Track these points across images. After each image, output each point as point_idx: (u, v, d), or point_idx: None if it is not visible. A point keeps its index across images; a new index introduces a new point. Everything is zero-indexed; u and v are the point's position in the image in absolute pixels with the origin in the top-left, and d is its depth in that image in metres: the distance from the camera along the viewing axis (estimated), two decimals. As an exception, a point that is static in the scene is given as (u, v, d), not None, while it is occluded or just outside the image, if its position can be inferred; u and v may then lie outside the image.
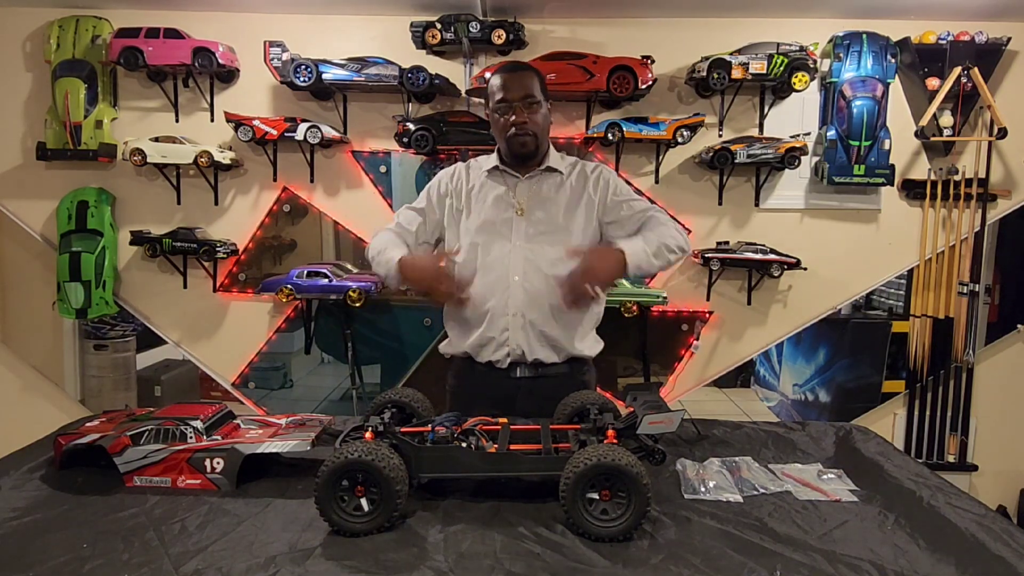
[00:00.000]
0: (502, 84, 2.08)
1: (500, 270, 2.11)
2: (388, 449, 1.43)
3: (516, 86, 2.07)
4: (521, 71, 2.13)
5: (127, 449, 1.62)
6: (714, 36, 3.13)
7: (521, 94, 2.07)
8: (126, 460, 1.62)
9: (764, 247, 3.18)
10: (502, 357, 2.13)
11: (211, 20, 3.20)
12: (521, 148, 2.11)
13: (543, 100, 2.12)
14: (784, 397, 5.29)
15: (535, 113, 2.09)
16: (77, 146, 3.15)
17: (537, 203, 2.15)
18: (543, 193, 2.16)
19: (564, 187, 2.18)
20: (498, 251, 2.12)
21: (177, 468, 1.61)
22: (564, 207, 2.15)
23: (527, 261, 2.11)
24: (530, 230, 2.12)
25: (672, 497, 1.58)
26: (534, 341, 2.12)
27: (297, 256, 3.41)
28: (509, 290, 2.10)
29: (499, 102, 2.09)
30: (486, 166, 2.20)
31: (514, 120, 2.07)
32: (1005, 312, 4.16)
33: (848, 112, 3.09)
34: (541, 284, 2.10)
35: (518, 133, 2.08)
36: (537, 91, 2.10)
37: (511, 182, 2.17)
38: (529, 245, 2.12)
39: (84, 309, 3.18)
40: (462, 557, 1.30)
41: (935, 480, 1.69)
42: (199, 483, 1.61)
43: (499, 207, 2.14)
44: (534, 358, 2.13)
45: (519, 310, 2.10)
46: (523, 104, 2.07)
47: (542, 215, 2.14)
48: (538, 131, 2.11)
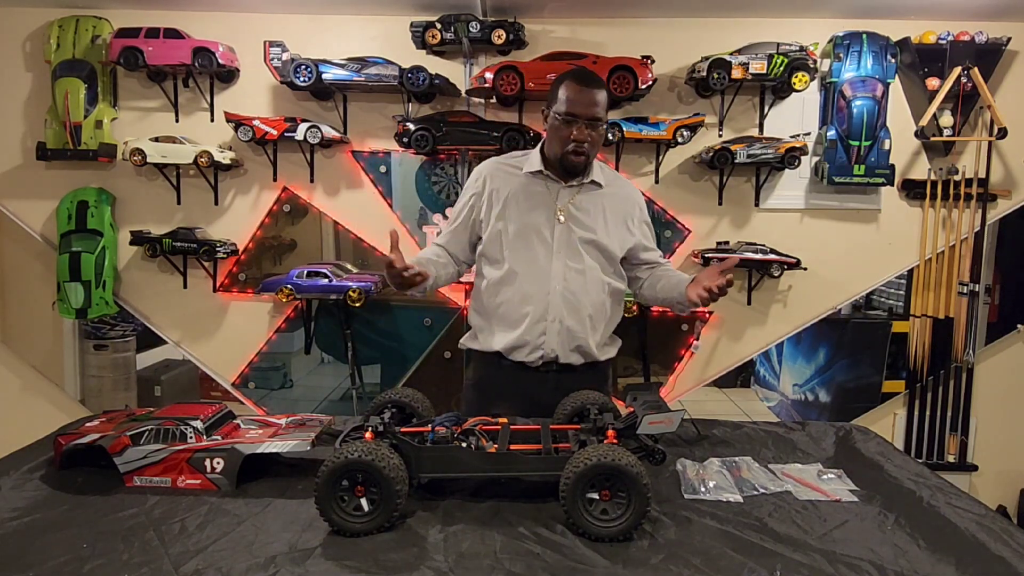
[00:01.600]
0: (575, 97, 2.05)
1: (541, 276, 2.11)
2: (388, 449, 1.43)
3: (587, 101, 2.05)
4: (596, 88, 2.08)
5: (127, 449, 1.62)
6: (714, 36, 3.13)
7: (591, 113, 2.06)
8: (126, 460, 1.62)
9: (764, 247, 3.18)
10: (535, 359, 2.14)
11: (211, 20, 3.20)
12: (574, 166, 2.11)
13: (605, 119, 2.13)
14: (784, 397, 5.29)
15: (595, 131, 2.09)
16: (77, 146, 3.15)
17: (579, 212, 2.15)
18: (585, 203, 2.16)
19: (604, 200, 2.19)
20: (539, 256, 2.12)
21: (177, 468, 1.61)
22: (604, 220, 2.17)
23: (568, 268, 2.12)
24: (571, 239, 2.13)
25: (672, 497, 1.58)
26: (567, 347, 2.14)
27: (297, 256, 3.41)
28: (549, 296, 2.11)
29: (566, 113, 2.05)
30: (528, 168, 2.17)
31: (575, 136, 2.06)
32: (1005, 312, 4.16)
33: (848, 112, 3.09)
34: (580, 292, 2.12)
35: (576, 151, 2.07)
36: (603, 110, 2.09)
37: (553, 188, 2.16)
38: (569, 252, 2.12)
39: (84, 309, 3.19)
40: (462, 557, 1.30)
41: (935, 480, 1.69)
42: (199, 483, 1.61)
43: (540, 212, 2.13)
44: (565, 362, 2.15)
45: (557, 316, 2.11)
46: (588, 122, 2.06)
47: (583, 225, 2.14)
48: (594, 151, 2.13)
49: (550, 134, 2.13)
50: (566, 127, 2.06)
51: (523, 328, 2.11)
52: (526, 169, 2.17)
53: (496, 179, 2.18)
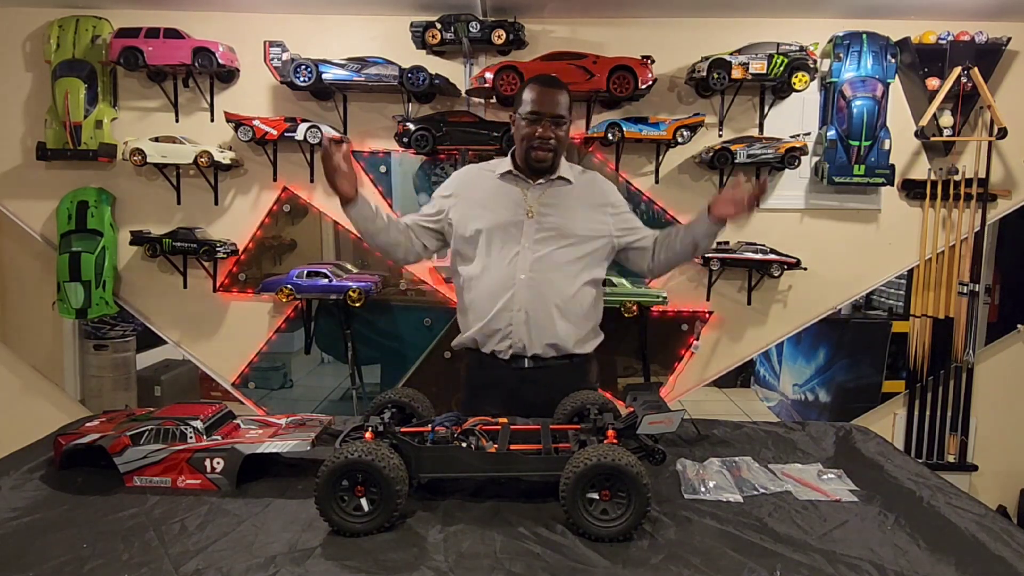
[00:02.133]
0: (537, 97, 2.19)
1: (508, 268, 2.21)
2: (388, 449, 1.43)
3: (549, 101, 2.19)
4: (556, 88, 2.23)
5: (127, 449, 1.62)
6: (714, 36, 3.13)
7: (552, 110, 2.19)
8: (126, 460, 1.62)
9: (764, 247, 3.18)
10: (504, 348, 2.23)
11: (211, 20, 3.20)
12: (538, 162, 2.22)
13: (569, 118, 2.25)
14: (784, 397, 5.29)
15: (559, 129, 2.21)
16: (77, 146, 3.15)
17: (547, 208, 2.25)
18: (553, 199, 2.26)
19: (573, 195, 2.29)
20: (508, 251, 2.22)
21: (177, 468, 1.61)
22: (572, 214, 2.25)
23: (535, 261, 2.21)
24: (539, 234, 2.22)
25: (672, 497, 1.58)
26: (535, 338, 2.21)
27: (297, 256, 3.41)
28: (515, 287, 2.20)
29: (530, 112, 2.19)
30: (499, 169, 2.30)
31: (539, 133, 2.18)
32: (1005, 312, 4.17)
33: (848, 112, 3.09)
34: (545, 285, 2.20)
35: (540, 147, 2.19)
36: (566, 110, 2.22)
37: (523, 186, 2.28)
38: (537, 247, 2.21)
39: (84, 309, 3.18)
40: (462, 557, 1.30)
41: (935, 480, 1.69)
42: (199, 483, 1.61)
43: (511, 210, 2.24)
44: (533, 352, 2.23)
45: (523, 307, 2.20)
46: (551, 120, 2.19)
47: (551, 220, 2.23)
48: (558, 147, 2.23)
49: (516, 136, 2.27)
50: (530, 126, 2.20)
51: (490, 316, 2.21)
52: (498, 171, 2.30)
53: (470, 184, 2.34)
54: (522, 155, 2.26)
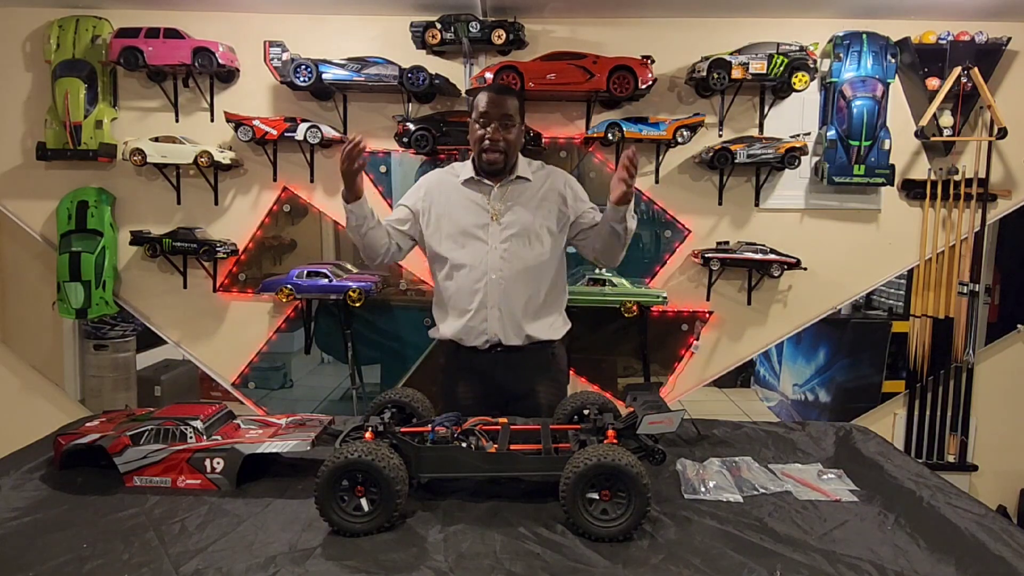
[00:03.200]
0: (486, 101, 2.32)
1: (480, 269, 2.34)
2: (388, 449, 1.43)
3: (497, 104, 2.31)
4: (504, 93, 2.37)
5: (127, 449, 1.62)
6: (714, 36, 3.13)
7: (500, 112, 2.31)
8: (126, 460, 1.62)
9: (764, 247, 3.18)
10: (482, 343, 2.36)
11: (211, 20, 3.20)
12: (490, 164, 2.34)
13: (518, 122, 2.38)
14: (784, 397, 5.29)
15: (509, 131, 2.33)
16: (77, 146, 3.15)
17: (509, 208, 2.37)
18: (514, 199, 2.39)
19: (534, 193, 2.40)
20: (477, 253, 2.35)
21: (177, 468, 1.61)
22: (534, 212, 2.38)
23: (503, 260, 2.34)
24: (504, 233, 2.35)
25: (672, 497, 1.58)
26: (509, 330, 2.34)
27: (297, 256, 3.41)
28: (487, 287, 2.33)
29: (480, 115, 2.33)
30: (463, 175, 2.41)
31: (489, 135, 2.31)
32: (1005, 312, 4.16)
33: (848, 112, 3.09)
34: (515, 281, 2.34)
35: (490, 148, 2.32)
36: (515, 112, 2.34)
37: (486, 190, 2.39)
38: (504, 246, 2.34)
39: (84, 309, 3.18)
40: (462, 557, 1.30)
41: (935, 480, 1.69)
42: (199, 483, 1.61)
43: (476, 213, 2.37)
44: (509, 343, 2.35)
45: (495, 304, 2.33)
46: (500, 122, 2.31)
47: (514, 219, 2.36)
48: (508, 148, 2.34)
49: (471, 140, 2.39)
50: (480, 129, 2.32)
51: (468, 317, 2.34)
52: (461, 177, 2.41)
53: (436, 190, 2.44)
54: (476, 157, 2.38)
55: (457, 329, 2.38)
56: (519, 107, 2.38)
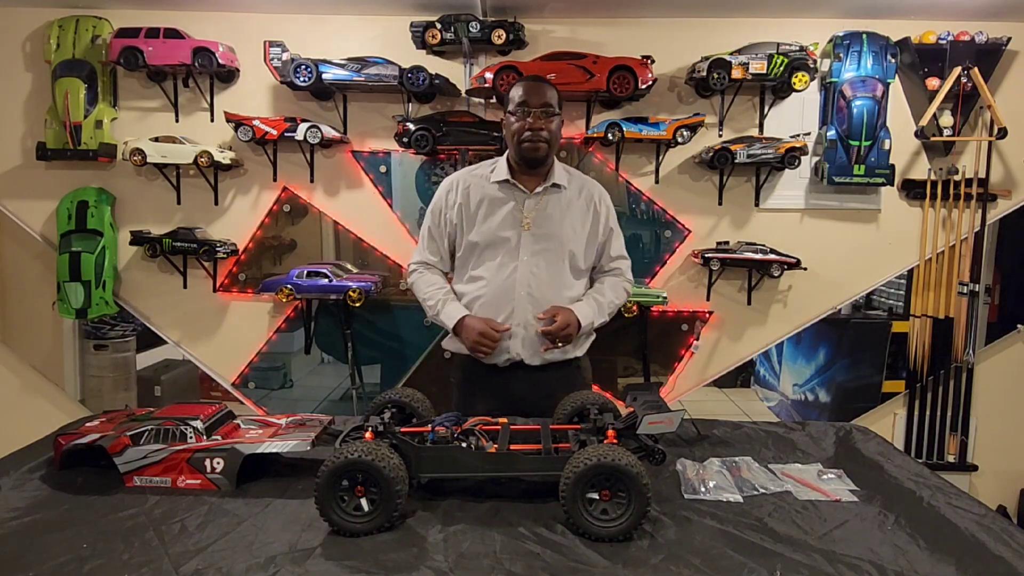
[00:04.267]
0: (524, 90, 2.18)
1: (507, 283, 2.19)
2: (388, 449, 1.43)
3: (537, 93, 2.17)
4: (543, 83, 2.22)
5: (127, 449, 1.62)
6: (714, 36, 3.13)
7: (540, 101, 2.16)
8: (126, 460, 1.62)
9: (764, 247, 3.18)
10: (502, 361, 2.22)
11: (211, 20, 3.20)
12: (532, 152, 2.17)
13: (560, 113, 2.22)
14: (784, 397, 5.29)
15: (551, 122, 2.17)
16: (77, 146, 3.15)
17: (543, 219, 2.22)
18: (549, 210, 2.23)
19: (569, 204, 2.26)
20: (505, 264, 2.20)
21: (177, 468, 1.61)
22: (568, 224, 2.24)
23: (532, 275, 2.20)
24: (536, 246, 2.21)
25: (672, 497, 1.58)
26: (532, 351, 2.21)
27: (297, 256, 3.41)
28: (515, 303, 2.19)
29: (518, 105, 2.17)
30: (494, 178, 2.25)
31: (531, 124, 2.14)
32: (1005, 312, 4.16)
33: (848, 112, 3.09)
34: (544, 297, 2.19)
35: (532, 138, 2.15)
36: (555, 103, 2.19)
37: (519, 198, 2.23)
38: (535, 260, 2.20)
39: (84, 309, 3.18)
40: (462, 557, 1.30)
41: (935, 480, 1.69)
42: (199, 483, 1.61)
43: (507, 222, 2.21)
44: (531, 363, 2.22)
45: (522, 322, 2.19)
46: (541, 111, 2.15)
47: (547, 232, 2.22)
48: (551, 139, 2.18)
49: (507, 135, 2.23)
50: (520, 120, 2.16)
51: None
52: (493, 179, 2.25)
53: (464, 192, 2.27)
54: (515, 152, 2.21)
55: None
56: (559, 98, 2.23)
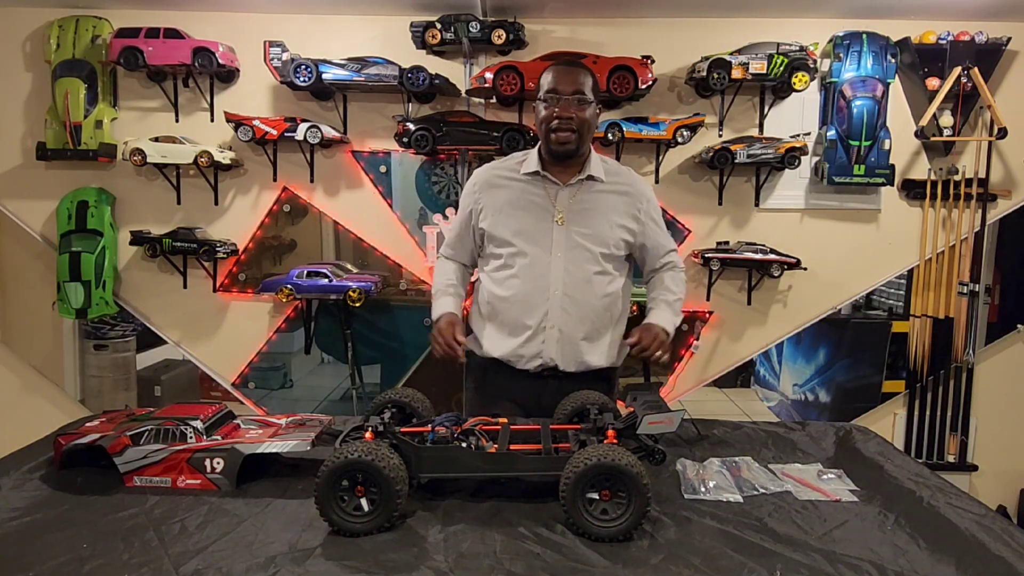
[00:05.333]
0: (555, 76, 2.01)
1: (540, 281, 2.04)
2: (388, 449, 1.43)
3: (569, 79, 2.00)
4: (577, 67, 2.04)
5: (127, 449, 1.62)
6: (714, 36, 3.13)
7: (572, 88, 1.99)
8: (126, 460, 1.62)
9: (764, 247, 3.18)
10: (534, 367, 2.08)
11: (211, 20, 3.20)
12: (561, 144, 2.01)
13: (594, 100, 2.04)
14: (784, 397, 5.28)
15: (583, 110, 2.00)
16: (77, 146, 3.15)
17: (578, 213, 2.06)
18: (584, 203, 2.08)
19: (605, 197, 2.10)
20: (537, 261, 2.04)
21: (177, 468, 1.61)
22: (604, 218, 2.08)
23: (567, 273, 2.04)
24: (570, 241, 2.05)
25: (672, 497, 1.58)
26: (567, 356, 2.07)
27: (297, 256, 3.41)
28: (549, 303, 2.04)
29: (548, 92, 2.00)
30: (525, 169, 2.10)
31: (559, 112, 1.98)
32: (1005, 312, 4.16)
33: (848, 112, 3.09)
34: (580, 297, 2.05)
35: (561, 127, 1.99)
36: (589, 90, 2.02)
37: (552, 190, 2.08)
38: (569, 256, 2.04)
39: (84, 309, 3.18)
40: (462, 557, 1.30)
41: (935, 480, 1.69)
42: (199, 483, 1.61)
43: (538, 215, 2.06)
44: (565, 369, 2.08)
45: (556, 324, 2.05)
46: (573, 99, 1.99)
47: (582, 226, 2.06)
48: (583, 129, 2.02)
49: (537, 123, 2.07)
50: (548, 108, 2.00)
51: (523, 338, 2.06)
52: (523, 171, 2.09)
53: (493, 185, 2.12)
54: (544, 143, 2.06)
55: (510, 349, 2.07)
56: (594, 84, 2.04)
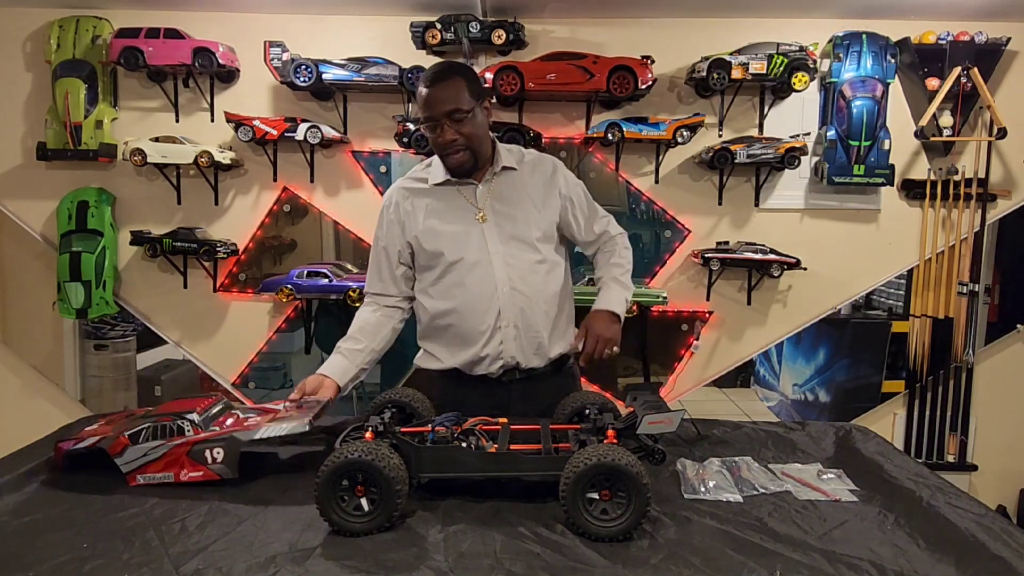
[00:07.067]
0: (424, 100, 1.90)
1: (484, 283, 1.97)
2: (388, 449, 1.43)
3: (438, 100, 1.88)
4: (442, 82, 1.90)
5: (127, 449, 1.62)
6: (714, 36, 3.13)
7: (445, 109, 1.88)
8: (127, 460, 1.62)
9: (764, 247, 3.18)
10: (495, 370, 2.02)
11: (211, 20, 3.20)
12: (457, 166, 1.97)
13: (475, 105, 1.92)
14: (784, 397, 5.29)
15: (464, 125, 1.91)
16: (77, 146, 3.15)
17: (498, 206, 2.01)
18: (503, 195, 2.02)
19: (523, 185, 2.04)
20: (476, 264, 1.98)
21: (178, 462, 1.61)
22: (529, 204, 2.03)
23: (509, 267, 1.98)
24: (502, 235, 1.99)
25: (672, 497, 1.58)
26: (528, 350, 2.01)
27: (297, 256, 3.41)
28: (499, 302, 1.97)
29: (425, 119, 1.92)
30: (433, 180, 2.03)
31: (441, 140, 1.92)
32: (1005, 312, 4.17)
33: (848, 112, 3.09)
34: (527, 289, 1.99)
35: (449, 152, 1.94)
36: (464, 100, 1.89)
37: (467, 190, 2.02)
38: (507, 249, 1.98)
39: (84, 309, 3.18)
40: (462, 557, 1.30)
41: (935, 480, 1.69)
42: (202, 475, 1.60)
43: (460, 218, 2.00)
44: (528, 365, 2.03)
45: (511, 320, 1.98)
46: (449, 120, 1.89)
47: (509, 217, 2.00)
48: (473, 144, 1.94)
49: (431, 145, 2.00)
50: (431, 132, 1.93)
51: (480, 343, 1.98)
52: (432, 181, 2.03)
53: (407, 202, 2.05)
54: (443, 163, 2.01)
55: (467, 359, 2.00)
56: (469, 86, 1.91)
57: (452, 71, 1.94)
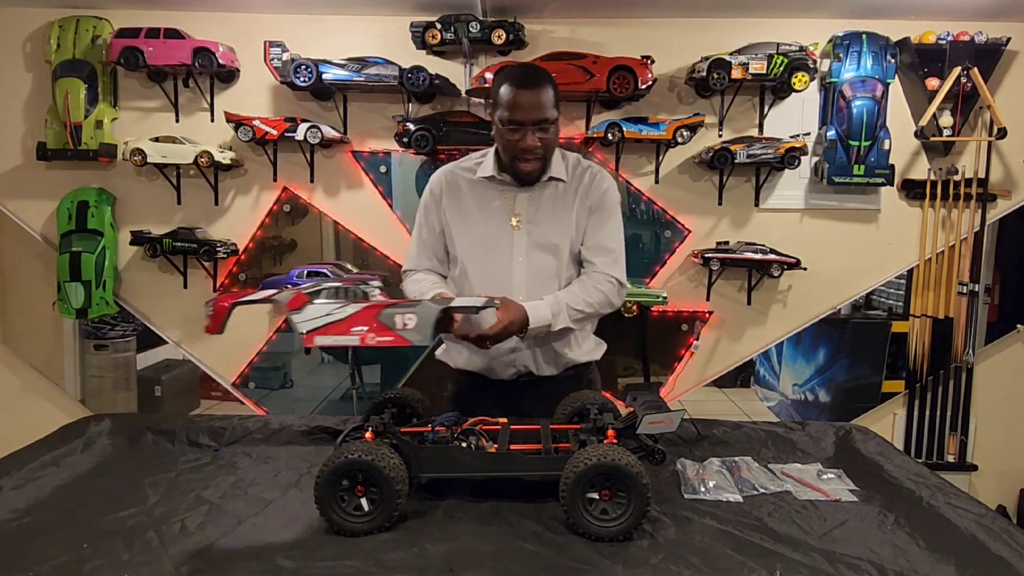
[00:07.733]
0: (514, 102, 1.87)
1: (503, 288, 1.94)
2: (388, 449, 1.43)
3: (530, 107, 1.86)
4: (536, 88, 1.88)
5: (307, 306, 1.48)
6: (714, 36, 3.13)
7: (535, 116, 1.87)
8: (307, 318, 1.46)
9: (764, 247, 3.18)
10: (509, 376, 2.03)
11: (211, 20, 3.20)
12: (527, 174, 1.96)
13: (559, 116, 1.94)
14: (784, 397, 5.28)
15: (547, 134, 1.91)
16: (77, 146, 3.15)
17: (535, 214, 2.00)
18: (543, 204, 2.01)
19: (564, 196, 2.02)
20: (499, 267, 1.98)
21: (367, 325, 1.47)
22: (566, 218, 2.01)
23: (531, 276, 1.98)
24: (530, 243, 1.99)
25: (672, 497, 1.58)
26: (540, 358, 2.02)
27: (297, 256, 3.41)
28: None
29: (510, 121, 1.89)
30: (481, 172, 2.03)
31: (523, 145, 1.89)
32: (1005, 312, 4.16)
33: (848, 112, 3.09)
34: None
35: (526, 159, 1.93)
36: (551, 110, 1.90)
37: (510, 193, 2.01)
38: (530, 258, 1.98)
39: (84, 309, 3.18)
40: (462, 557, 1.30)
41: (935, 480, 1.69)
42: (391, 339, 1.46)
43: (496, 219, 2.00)
44: (541, 373, 2.03)
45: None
46: (535, 127, 1.88)
47: (541, 227, 1.99)
48: (548, 153, 1.96)
49: (498, 139, 1.97)
50: (512, 134, 1.90)
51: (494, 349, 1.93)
52: (479, 174, 2.02)
53: (451, 188, 2.05)
54: (509, 165, 1.98)
55: (480, 364, 2.01)
56: (555, 95, 1.91)
57: (544, 77, 1.93)
